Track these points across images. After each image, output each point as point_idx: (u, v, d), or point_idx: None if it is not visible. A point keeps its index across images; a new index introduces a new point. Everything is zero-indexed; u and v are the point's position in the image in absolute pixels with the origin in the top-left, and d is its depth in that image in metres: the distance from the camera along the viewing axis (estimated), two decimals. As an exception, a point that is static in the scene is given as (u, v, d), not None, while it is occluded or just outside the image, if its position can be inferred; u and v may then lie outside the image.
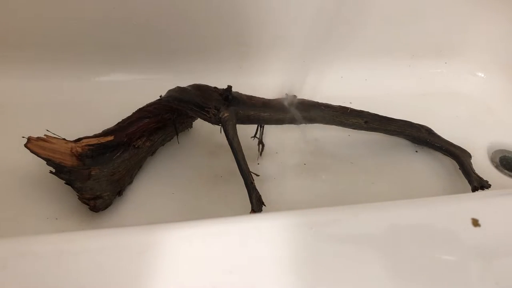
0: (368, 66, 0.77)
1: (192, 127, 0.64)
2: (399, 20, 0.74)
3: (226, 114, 0.50)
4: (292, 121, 0.57)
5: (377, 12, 0.72)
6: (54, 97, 0.66)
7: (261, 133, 0.57)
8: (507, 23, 0.74)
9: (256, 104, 0.54)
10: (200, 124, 0.62)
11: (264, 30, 0.71)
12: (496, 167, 0.66)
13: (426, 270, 0.32)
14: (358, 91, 0.75)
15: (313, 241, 0.32)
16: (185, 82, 0.55)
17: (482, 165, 0.65)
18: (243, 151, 0.49)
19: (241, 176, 0.48)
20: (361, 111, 0.60)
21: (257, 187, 0.48)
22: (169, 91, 0.55)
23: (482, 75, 0.79)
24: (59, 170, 0.47)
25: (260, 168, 0.60)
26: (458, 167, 0.62)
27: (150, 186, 0.56)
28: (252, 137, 0.58)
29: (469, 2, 0.73)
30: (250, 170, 0.49)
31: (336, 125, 0.60)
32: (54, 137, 0.48)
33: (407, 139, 0.66)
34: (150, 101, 0.57)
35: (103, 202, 0.51)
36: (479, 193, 0.54)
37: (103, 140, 0.50)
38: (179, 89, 0.54)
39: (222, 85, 0.53)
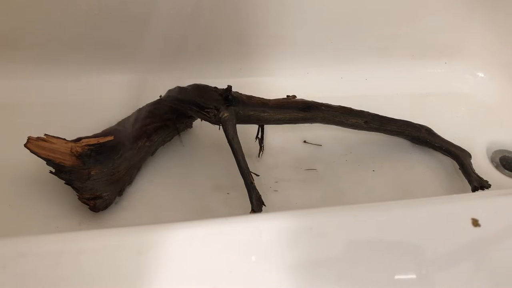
0: (368, 66, 0.77)
1: (192, 127, 0.64)
2: (399, 20, 0.74)
3: (226, 114, 0.50)
4: (292, 121, 0.57)
5: (377, 12, 0.72)
6: (53, 97, 0.65)
7: (262, 133, 0.57)
8: (507, 23, 0.74)
9: (256, 104, 0.54)
10: (200, 124, 0.62)
11: (264, 30, 0.71)
12: (496, 167, 0.66)
13: (426, 269, 0.32)
14: (358, 91, 0.75)
15: (313, 241, 0.32)
16: (185, 82, 0.55)
17: (482, 165, 0.65)
18: (243, 151, 0.49)
19: (241, 176, 0.48)
20: (361, 111, 0.60)
21: (257, 187, 0.48)
22: (169, 91, 0.55)
23: (482, 75, 0.79)
24: (59, 170, 0.47)
25: (260, 168, 0.60)
26: (458, 167, 0.62)
27: (150, 186, 0.56)
28: (255, 139, 0.58)
29: (469, 2, 0.73)
30: (250, 170, 0.49)
31: (336, 125, 0.60)
32: (54, 137, 0.48)
33: (407, 139, 0.66)
34: (150, 101, 0.57)
35: (103, 202, 0.50)
36: (479, 193, 0.54)
37: (103, 140, 0.50)
38: (179, 89, 0.54)
39: (222, 85, 0.53)
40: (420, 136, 0.64)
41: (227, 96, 0.51)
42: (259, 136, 0.57)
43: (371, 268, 0.32)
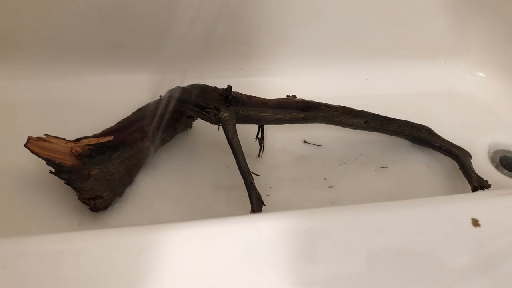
0: (368, 66, 0.77)
1: (192, 127, 0.64)
2: (399, 20, 0.74)
3: (226, 114, 0.50)
4: (292, 121, 0.57)
5: (377, 12, 0.72)
6: (53, 97, 0.66)
7: (262, 133, 0.57)
8: (507, 22, 0.74)
9: (256, 104, 0.54)
10: (200, 124, 0.62)
11: (265, 30, 0.71)
12: (496, 167, 0.66)
13: (425, 269, 0.32)
14: (358, 91, 0.75)
15: (313, 242, 0.32)
16: (185, 82, 0.55)
17: (482, 165, 0.65)
18: (243, 151, 0.49)
19: (241, 176, 0.48)
20: (361, 111, 0.60)
21: (257, 187, 0.48)
22: (169, 91, 0.55)
23: (482, 75, 0.79)
24: (59, 170, 0.47)
25: (260, 168, 0.60)
26: (458, 167, 0.62)
27: (150, 186, 0.56)
28: (255, 139, 0.58)
29: (468, 2, 0.73)
30: (250, 170, 0.49)
31: (336, 125, 0.60)
32: (54, 137, 0.48)
33: (407, 139, 0.66)
34: (150, 101, 0.57)
35: (103, 202, 0.50)
36: (479, 193, 0.54)
37: (103, 140, 0.50)
38: (179, 89, 0.54)
39: (222, 85, 0.53)
40: (420, 136, 0.64)
41: (227, 96, 0.51)
42: (259, 136, 0.57)
43: (371, 268, 0.32)
